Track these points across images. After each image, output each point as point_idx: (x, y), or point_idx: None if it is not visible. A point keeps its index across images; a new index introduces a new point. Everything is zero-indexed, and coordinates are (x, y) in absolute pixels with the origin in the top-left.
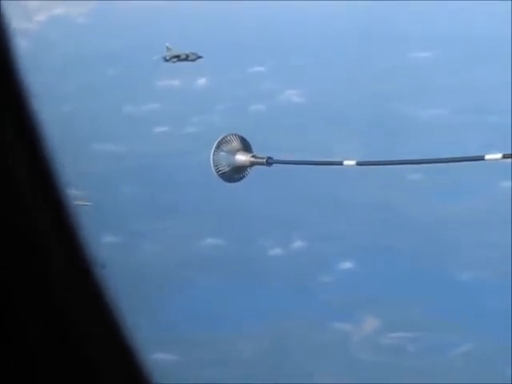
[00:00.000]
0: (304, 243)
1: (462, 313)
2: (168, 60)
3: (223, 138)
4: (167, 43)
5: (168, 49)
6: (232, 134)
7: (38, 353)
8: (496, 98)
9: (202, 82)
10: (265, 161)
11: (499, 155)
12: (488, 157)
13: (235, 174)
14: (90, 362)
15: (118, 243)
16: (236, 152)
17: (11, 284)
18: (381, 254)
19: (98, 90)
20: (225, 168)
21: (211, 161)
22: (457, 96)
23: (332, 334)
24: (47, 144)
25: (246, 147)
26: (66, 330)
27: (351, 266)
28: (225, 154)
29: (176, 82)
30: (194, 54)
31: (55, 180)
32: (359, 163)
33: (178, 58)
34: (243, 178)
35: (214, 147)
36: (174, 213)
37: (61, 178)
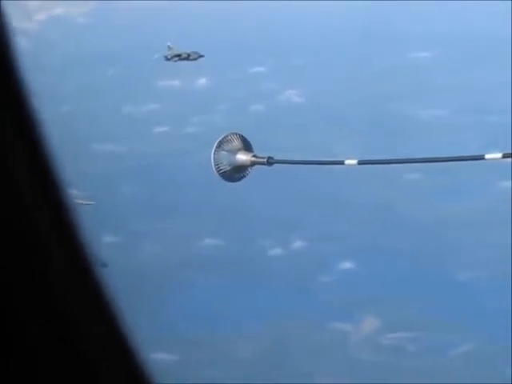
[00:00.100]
0: (304, 243)
1: (461, 313)
2: (169, 59)
3: (224, 137)
4: (168, 42)
5: (169, 48)
6: (233, 134)
7: (38, 353)
8: (496, 98)
9: (202, 82)
10: (265, 160)
11: (499, 155)
12: (488, 156)
13: (236, 173)
14: (90, 361)
15: (118, 243)
16: (237, 151)
17: (11, 284)
18: (381, 254)
19: (98, 90)
20: (226, 167)
21: (212, 160)
22: (457, 96)
23: (332, 334)
24: (47, 144)
25: (246, 147)
26: (66, 330)
27: (351, 266)
28: (226, 153)
29: (176, 82)
30: (195, 52)
31: (55, 180)
32: (360, 162)
33: (179, 57)
34: (244, 177)
35: (214, 146)
36: (173, 213)
37: (61, 178)
